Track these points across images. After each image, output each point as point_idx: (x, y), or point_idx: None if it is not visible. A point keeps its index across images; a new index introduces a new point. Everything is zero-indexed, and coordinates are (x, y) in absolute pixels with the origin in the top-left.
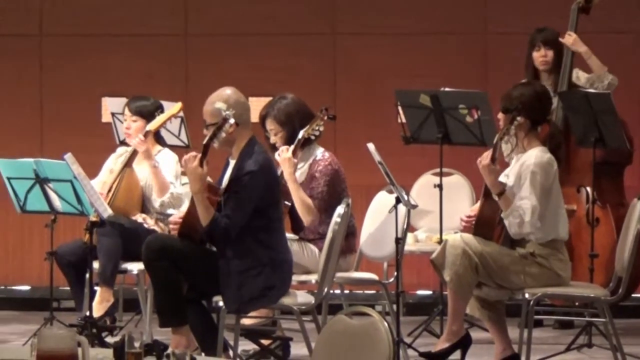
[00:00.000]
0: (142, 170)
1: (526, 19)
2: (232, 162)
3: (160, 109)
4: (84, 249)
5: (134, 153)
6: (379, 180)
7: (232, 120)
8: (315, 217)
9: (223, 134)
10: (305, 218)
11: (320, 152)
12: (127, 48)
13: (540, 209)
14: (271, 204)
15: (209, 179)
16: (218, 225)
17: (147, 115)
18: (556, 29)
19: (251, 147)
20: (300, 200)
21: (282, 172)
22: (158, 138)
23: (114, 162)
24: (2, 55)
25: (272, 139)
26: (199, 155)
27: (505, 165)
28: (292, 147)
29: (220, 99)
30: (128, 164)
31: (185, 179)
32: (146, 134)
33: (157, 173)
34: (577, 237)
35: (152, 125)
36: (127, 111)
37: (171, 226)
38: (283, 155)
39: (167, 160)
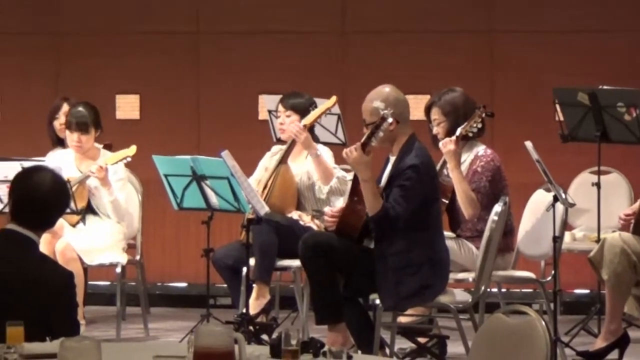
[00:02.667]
0: (297, 167)
1: None
2: (392, 159)
3: (313, 105)
4: (239, 251)
5: (289, 149)
6: (537, 178)
7: (390, 120)
8: (477, 211)
9: (381, 134)
10: (467, 211)
11: (482, 149)
12: (284, 46)
13: None
14: (429, 201)
15: None
16: (387, 213)
17: (301, 110)
18: None
19: (411, 143)
20: (463, 192)
21: (439, 170)
22: (312, 135)
23: (269, 160)
24: (160, 53)
25: (435, 130)
26: (359, 145)
27: None
28: (453, 138)
29: (379, 97)
30: (283, 160)
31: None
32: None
33: (320, 160)
34: None
35: (307, 120)
36: (280, 107)
37: (327, 218)
38: (447, 147)
39: (323, 151)
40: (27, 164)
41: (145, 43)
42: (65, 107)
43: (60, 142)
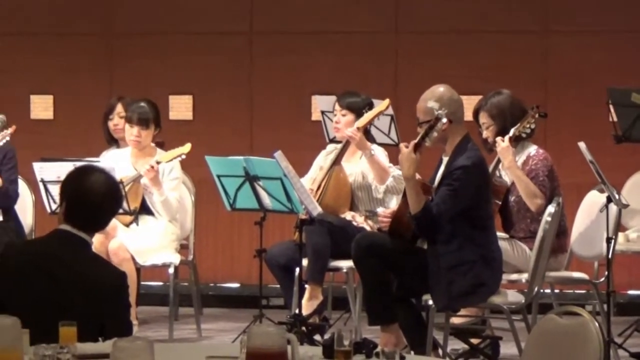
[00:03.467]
0: (351, 167)
1: None
2: (445, 159)
3: (369, 105)
4: (292, 250)
5: (343, 150)
6: (590, 179)
7: (444, 119)
8: (543, 201)
9: (435, 134)
10: (532, 202)
11: (534, 149)
12: (337, 46)
13: None
14: (482, 202)
15: (419, 176)
16: (429, 212)
17: (357, 110)
18: None
19: (465, 144)
20: (524, 185)
21: (491, 171)
22: (367, 135)
23: (323, 159)
24: (213, 53)
25: (484, 134)
26: (412, 143)
27: None
28: (507, 137)
29: (434, 97)
30: (337, 161)
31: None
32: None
33: (375, 160)
34: None
35: (361, 122)
36: (337, 106)
37: (380, 219)
38: (501, 145)
39: (377, 151)
40: (80, 164)
41: (198, 43)
42: (119, 108)
43: (115, 142)
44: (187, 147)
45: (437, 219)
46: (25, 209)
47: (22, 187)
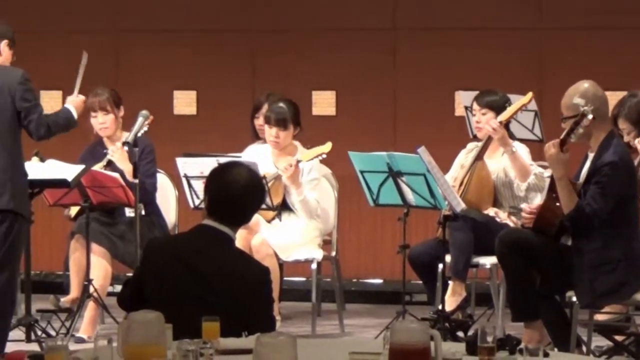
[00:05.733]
0: (493, 164)
1: None
2: (591, 155)
3: (508, 102)
4: (435, 249)
5: (485, 146)
6: None
7: (590, 116)
8: None
9: (580, 130)
10: None
11: None
12: (481, 42)
13: None
14: (628, 198)
15: None
16: (582, 212)
17: (497, 107)
18: None
19: (610, 140)
20: None
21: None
22: (507, 131)
23: (464, 158)
24: (356, 50)
25: (626, 138)
26: (558, 142)
27: None
28: None
29: (578, 93)
30: (479, 157)
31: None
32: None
33: (516, 157)
34: None
35: (503, 116)
36: (475, 105)
37: (524, 214)
38: None
39: (519, 148)
40: (223, 160)
41: (341, 40)
42: (265, 107)
43: (260, 139)
44: (327, 146)
45: (590, 218)
46: (168, 204)
47: (166, 182)
